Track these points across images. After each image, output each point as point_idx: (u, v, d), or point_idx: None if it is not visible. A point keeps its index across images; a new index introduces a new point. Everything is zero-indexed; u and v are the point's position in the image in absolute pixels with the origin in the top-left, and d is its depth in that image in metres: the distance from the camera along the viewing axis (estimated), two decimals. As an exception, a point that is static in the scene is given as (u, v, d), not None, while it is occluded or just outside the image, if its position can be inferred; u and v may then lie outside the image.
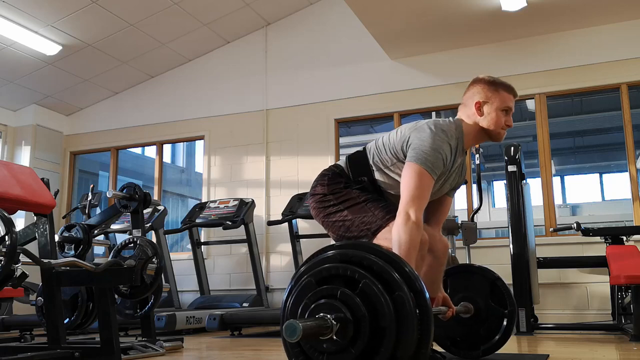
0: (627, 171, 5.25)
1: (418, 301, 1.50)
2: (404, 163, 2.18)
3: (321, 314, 1.51)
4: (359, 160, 2.36)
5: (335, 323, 1.48)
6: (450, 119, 2.34)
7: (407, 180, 2.11)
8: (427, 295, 1.53)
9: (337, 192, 2.29)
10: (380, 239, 2.15)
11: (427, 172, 2.10)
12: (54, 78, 6.63)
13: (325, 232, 2.40)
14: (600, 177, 10.20)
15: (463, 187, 5.63)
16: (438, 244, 2.35)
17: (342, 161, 2.42)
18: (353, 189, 2.29)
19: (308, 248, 5.60)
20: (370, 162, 2.32)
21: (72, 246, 3.38)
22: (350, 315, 1.49)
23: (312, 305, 1.55)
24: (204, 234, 6.38)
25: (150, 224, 5.47)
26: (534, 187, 4.84)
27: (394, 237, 2.03)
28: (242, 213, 5.66)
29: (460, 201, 5.87)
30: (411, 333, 1.47)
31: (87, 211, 5.74)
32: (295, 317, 1.59)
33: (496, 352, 2.59)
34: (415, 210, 2.04)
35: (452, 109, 6.00)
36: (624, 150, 5.28)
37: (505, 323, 2.54)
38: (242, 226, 5.66)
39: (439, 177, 2.20)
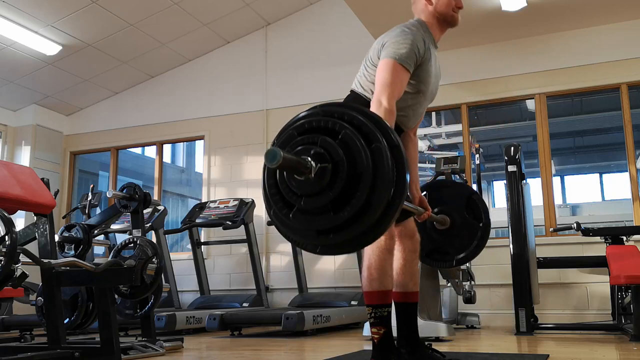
0: (627, 171, 5.25)
1: (394, 154, 1.56)
2: None
3: (302, 157, 1.55)
4: (352, 100, 2.35)
5: (314, 165, 1.51)
6: (412, 20, 2.41)
7: (380, 74, 2.16)
8: (403, 148, 1.59)
9: None
10: None
11: (400, 64, 2.15)
12: (54, 78, 6.64)
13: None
14: (600, 177, 10.21)
15: (463, 187, 5.62)
16: (411, 143, 2.44)
17: None
18: None
19: (308, 248, 5.59)
20: (362, 92, 2.33)
21: (72, 246, 3.38)
22: (330, 159, 1.53)
23: (293, 151, 1.58)
24: (204, 234, 6.38)
25: (150, 224, 5.46)
26: (534, 187, 4.84)
27: None
28: (242, 213, 5.66)
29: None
30: (387, 182, 1.52)
31: (87, 211, 5.74)
32: None
33: (496, 352, 2.59)
34: (388, 98, 2.09)
35: (451, 108, 6.01)
36: (624, 150, 5.29)
37: (479, 234, 2.60)
38: (242, 226, 5.66)
39: (426, 70, 2.26)
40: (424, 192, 2.57)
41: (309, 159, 1.52)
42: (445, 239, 2.64)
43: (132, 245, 3.23)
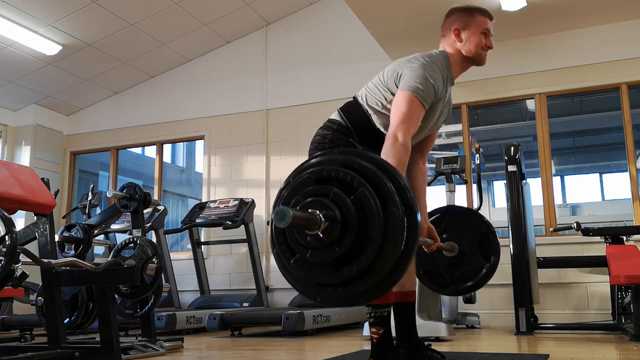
0: (627, 171, 5.25)
1: (408, 214, 1.51)
2: None
3: (310, 210, 1.52)
4: (352, 108, 2.36)
5: (323, 220, 1.49)
6: (436, 50, 2.38)
7: (397, 106, 2.14)
8: (419, 213, 1.53)
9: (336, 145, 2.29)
10: None
11: (418, 100, 2.13)
12: (54, 78, 6.64)
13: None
14: (600, 177, 10.22)
15: (463, 187, 5.62)
16: (419, 172, 2.43)
17: (335, 115, 2.40)
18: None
19: (308, 248, 5.60)
20: (365, 107, 2.32)
21: (72, 246, 3.38)
22: (340, 216, 1.49)
23: (304, 201, 1.55)
24: (204, 234, 6.38)
25: (150, 224, 5.46)
26: (534, 187, 4.84)
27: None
28: (242, 213, 5.66)
29: (460, 201, 5.87)
30: (395, 249, 1.48)
31: (87, 211, 5.75)
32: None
33: (496, 352, 2.59)
34: (404, 134, 2.07)
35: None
36: (624, 150, 5.29)
37: (482, 274, 2.55)
38: (242, 226, 5.66)
39: (435, 108, 2.25)
40: (444, 213, 2.52)
41: (319, 214, 1.49)
42: (446, 266, 2.57)
43: (132, 245, 3.23)
